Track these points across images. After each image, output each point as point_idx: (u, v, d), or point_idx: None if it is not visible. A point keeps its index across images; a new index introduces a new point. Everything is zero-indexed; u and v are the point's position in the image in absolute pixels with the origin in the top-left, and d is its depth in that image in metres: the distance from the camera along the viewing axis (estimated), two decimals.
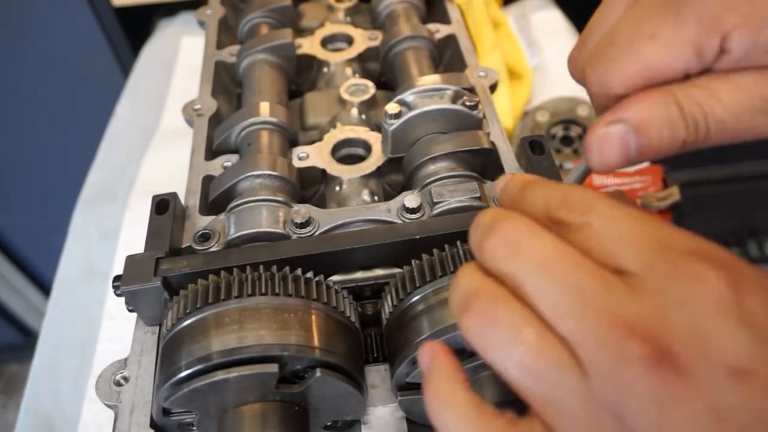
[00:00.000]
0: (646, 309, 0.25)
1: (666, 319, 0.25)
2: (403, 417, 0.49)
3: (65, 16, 1.24)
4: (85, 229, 0.92)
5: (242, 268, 0.46)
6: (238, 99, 0.78)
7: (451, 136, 0.58)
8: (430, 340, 0.37)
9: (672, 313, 0.25)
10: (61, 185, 1.33)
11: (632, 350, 0.25)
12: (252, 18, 0.81)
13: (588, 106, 0.98)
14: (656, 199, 0.86)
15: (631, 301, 0.26)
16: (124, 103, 1.11)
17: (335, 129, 0.66)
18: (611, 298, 0.26)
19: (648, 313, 0.25)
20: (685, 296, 0.25)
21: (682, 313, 0.25)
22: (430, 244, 0.47)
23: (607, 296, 0.26)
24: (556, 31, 1.14)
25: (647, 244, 0.27)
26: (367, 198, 0.60)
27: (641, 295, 0.26)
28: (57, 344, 0.80)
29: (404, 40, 0.74)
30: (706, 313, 0.25)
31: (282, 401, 0.43)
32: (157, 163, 0.97)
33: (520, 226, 0.30)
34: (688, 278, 0.25)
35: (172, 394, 0.42)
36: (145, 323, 0.51)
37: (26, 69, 1.35)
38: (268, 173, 0.57)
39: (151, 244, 0.51)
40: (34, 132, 1.48)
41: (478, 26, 0.94)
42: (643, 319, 0.25)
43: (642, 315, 0.25)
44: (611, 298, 0.26)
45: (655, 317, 0.25)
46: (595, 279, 0.27)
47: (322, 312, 0.45)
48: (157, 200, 0.55)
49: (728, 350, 0.24)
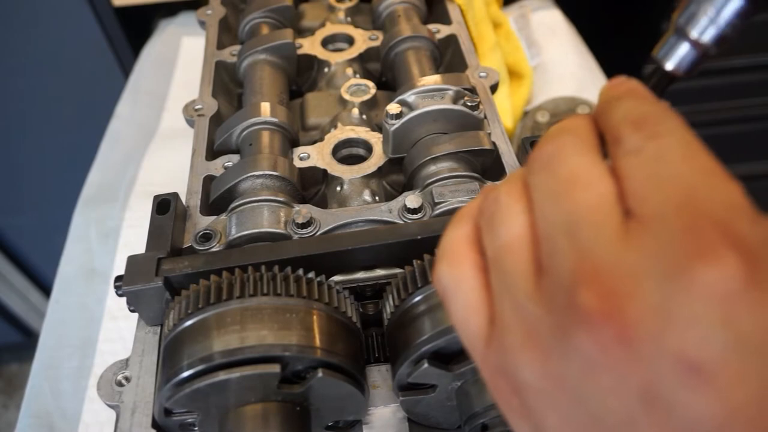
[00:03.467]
0: (625, 265, 0.23)
1: (638, 280, 0.22)
2: (404, 417, 0.49)
3: (65, 16, 1.24)
4: (85, 229, 0.92)
5: (244, 269, 0.46)
6: (239, 99, 0.78)
7: (452, 136, 0.58)
8: None
9: (649, 278, 0.22)
10: (61, 185, 1.33)
11: (582, 296, 0.23)
12: (252, 18, 0.81)
13: (588, 106, 0.98)
14: None
15: (615, 252, 0.23)
16: (124, 103, 1.11)
17: (336, 129, 0.66)
18: (597, 238, 0.24)
19: (624, 270, 0.23)
20: (679, 268, 0.22)
21: (660, 282, 0.22)
22: (431, 244, 0.47)
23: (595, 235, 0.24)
24: (556, 31, 1.14)
25: (677, 190, 0.24)
26: (368, 198, 0.60)
27: (631, 249, 0.23)
28: (57, 344, 0.80)
29: (405, 40, 0.74)
30: (693, 295, 0.21)
31: (283, 401, 0.43)
32: (157, 163, 0.97)
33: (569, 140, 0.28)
34: (695, 251, 0.22)
35: (174, 395, 0.42)
36: (146, 323, 0.51)
37: (26, 69, 1.35)
38: (269, 173, 0.57)
39: (152, 244, 0.51)
40: (34, 132, 1.48)
41: (479, 26, 0.94)
42: (613, 268, 0.23)
43: (615, 265, 0.23)
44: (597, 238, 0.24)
45: (627, 272, 0.23)
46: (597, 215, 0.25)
47: (324, 312, 0.45)
48: (158, 200, 0.55)
49: (693, 342, 0.21)
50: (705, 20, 0.28)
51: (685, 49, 0.29)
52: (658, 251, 0.22)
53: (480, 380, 0.44)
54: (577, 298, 0.23)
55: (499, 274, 0.28)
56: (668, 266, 0.22)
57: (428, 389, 0.46)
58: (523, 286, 0.27)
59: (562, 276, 0.25)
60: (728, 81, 1.46)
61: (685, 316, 0.21)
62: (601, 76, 1.10)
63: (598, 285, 0.23)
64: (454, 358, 0.45)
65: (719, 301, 0.21)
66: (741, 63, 1.44)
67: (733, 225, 0.22)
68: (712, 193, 0.23)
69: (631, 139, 0.26)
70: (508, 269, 0.28)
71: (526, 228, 0.28)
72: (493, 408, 0.43)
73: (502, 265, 0.28)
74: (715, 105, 1.52)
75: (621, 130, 0.27)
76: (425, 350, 0.43)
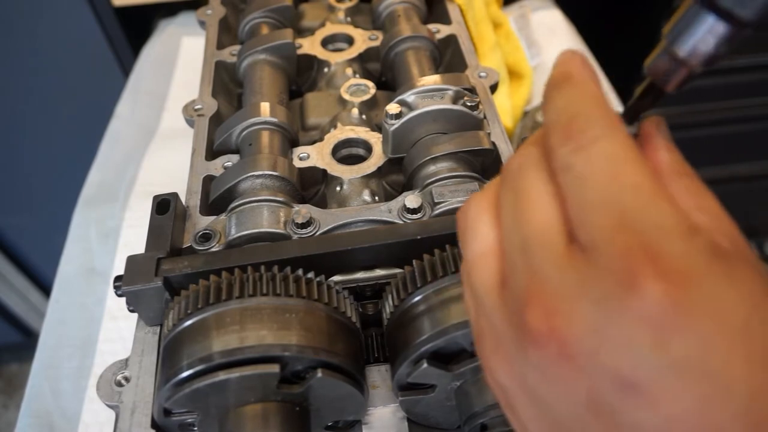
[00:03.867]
0: (566, 287, 0.24)
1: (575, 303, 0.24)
2: (404, 417, 0.49)
3: (65, 16, 1.24)
4: (85, 229, 0.92)
5: (243, 269, 0.46)
6: (239, 99, 0.78)
7: (452, 136, 0.58)
8: None
9: (584, 301, 0.24)
10: (61, 185, 1.33)
11: (530, 316, 0.25)
12: (252, 18, 0.81)
13: None
14: None
15: (559, 274, 0.25)
16: (124, 103, 1.11)
17: (336, 129, 0.66)
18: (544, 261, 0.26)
19: (566, 292, 0.24)
20: (611, 294, 0.23)
21: (594, 306, 0.23)
22: (431, 244, 0.47)
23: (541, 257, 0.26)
24: (556, 31, 1.14)
25: (607, 217, 0.24)
26: (368, 198, 0.60)
27: (572, 272, 0.25)
28: (57, 344, 0.80)
29: (405, 40, 0.74)
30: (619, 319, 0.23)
31: (283, 401, 0.43)
32: (157, 163, 0.96)
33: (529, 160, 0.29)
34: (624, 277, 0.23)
35: (173, 395, 0.42)
36: (146, 323, 0.51)
37: (26, 69, 1.35)
38: (269, 173, 0.57)
39: (152, 244, 0.51)
40: (34, 132, 1.48)
41: (479, 26, 0.94)
42: (556, 294, 0.25)
43: (558, 291, 0.25)
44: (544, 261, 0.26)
45: (568, 298, 0.24)
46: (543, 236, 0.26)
47: (323, 312, 0.45)
48: (158, 200, 0.55)
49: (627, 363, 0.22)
50: (691, 41, 0.28)
51: (672, 66, 0.29)
52: (595, 277, 0.24)
53: (479, 380, 0.44)
54: (526, 315, 0.25)
55: (469, 286, 0.31)
56: (603, 291, 0.23)
57: (428, 389, 0.46)
58: (490, 298, 0.29)
59: (517, 293, 0.27)
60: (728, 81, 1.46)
61: (619, 339, 0.23)
62: (601, 76, 1.10)
63: (542, 305, 0.25)
64: (454, 358, 0.45)
65: (649, 326, 0.22)
66: (741, 63, 1.44)
67: (662, 248, 0.23)
68: (641, 215, 0.24)
69: (561, 152, 0.27)
70: (475, 282, 0.30)
71: (494, 243, 0.30)
72: (493, 408, 0.43)
73: (472, 278, 0.30)
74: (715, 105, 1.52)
75: (552, 138, 0.28)
76: (425, 350, 0.43)
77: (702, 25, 0.27)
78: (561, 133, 0.27)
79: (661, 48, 0.29)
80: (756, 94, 1.51)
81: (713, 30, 0.27)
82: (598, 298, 0.23)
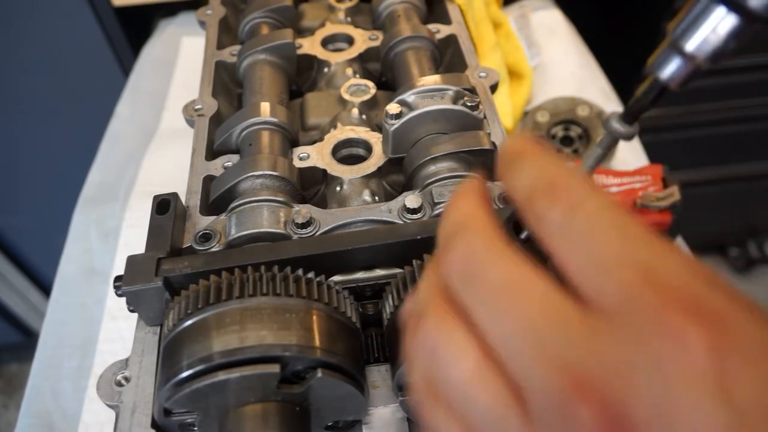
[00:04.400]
0: (608, 361, 0.22)
1: (629, 380, 0.21)
2: (404, 417, 0.49)
3: (65, 16, 1.24)
4: (85, 229, 0.92)
5: (243, 269, 0.46)
6: (239, 99, 0.78)
7: (452, 136, 0.58)
8: None
9: (637, 373, 0.21)
10: (61, 185, 1.33)
11: (582, 412, 0.21)
12: (252, 18, 0.81)
13: (588, 106, 0.98)
14: (656, 198, 0.86)
15: (592, 348, 0.22)
16: (124, 103, 1.12)
17: (336, 129, 0.66)
18: (568, 341, 0.23)
19: (609, 366, 0.22)
20: (657, 355, 0.21)
21: (649, 375, 0.21)
22: (431, 244, 0.47)
23: (563, 339, 0.23)
24: (556, 31, 1.14)
25: (629, 273, 0.22)
26: (368, 198, 0.60)
27: (605, 341, 0.22)
28: (57, 344, 0.80)
29: (405, 40, 0.74)
30: (678, 381, 0.21)
31: (283, 401, 0.43)
32: (157, 163, 0.97)
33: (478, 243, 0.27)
34: (664, 332, 0.21)
35: (173, 395, 0.42)
36: (146, 323, 0.51)
37: (26, 69, 1.35)
38: (269, 173, 0.57)
39: (152, 244, 0.51)
40: (34, 132, 1.48)
41: (479, 26, 0.94)
42: (600, 373, 0.22)
43: (601, 368, 0.22)
44: (568, 341, 0.23)
45: (616, 373, 0.22)
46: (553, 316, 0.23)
47: (323, 312, 0.45)
48: (158, 200, 0.55)
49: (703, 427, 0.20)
50: (699, 36, 0.27)
51: (678, 62, 0.28)
52: (636, 344, 0.21)
53: None
54: (576, 416, 0.22)
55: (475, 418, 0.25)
56: (651, 358, 0.21)
57: None
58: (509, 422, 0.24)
59: (549, 397, 0.23)
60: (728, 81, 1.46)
61: (686, 405, 0.21)
62: (601, 76, 1.10)
63: (590, 395, 0.22)
64: None
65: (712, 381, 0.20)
66: (741, 63, 1.44)
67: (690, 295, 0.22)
68: (664, 266, 0.22)
69: (551, 213, 0.25)
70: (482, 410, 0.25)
71: (480, 359, 0.25)
72: None
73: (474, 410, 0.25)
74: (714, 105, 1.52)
75: (535, 203, 0.26)
76: None
77: (712, 18, 0.27)
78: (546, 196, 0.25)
79: (665, 44, 0.29)
80: (756, 94, 1.52)
81: (723, 23, 0.26)
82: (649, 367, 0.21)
